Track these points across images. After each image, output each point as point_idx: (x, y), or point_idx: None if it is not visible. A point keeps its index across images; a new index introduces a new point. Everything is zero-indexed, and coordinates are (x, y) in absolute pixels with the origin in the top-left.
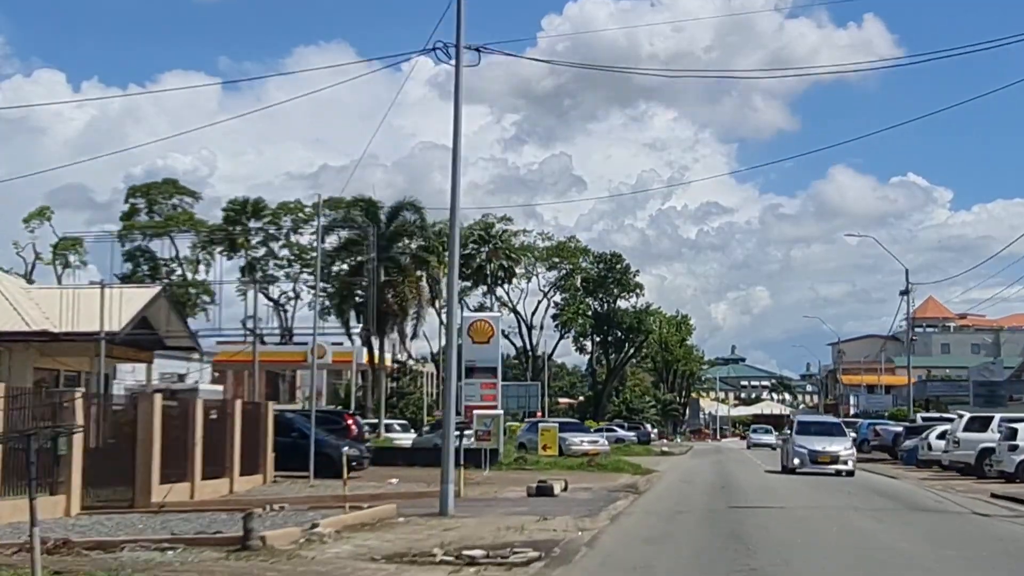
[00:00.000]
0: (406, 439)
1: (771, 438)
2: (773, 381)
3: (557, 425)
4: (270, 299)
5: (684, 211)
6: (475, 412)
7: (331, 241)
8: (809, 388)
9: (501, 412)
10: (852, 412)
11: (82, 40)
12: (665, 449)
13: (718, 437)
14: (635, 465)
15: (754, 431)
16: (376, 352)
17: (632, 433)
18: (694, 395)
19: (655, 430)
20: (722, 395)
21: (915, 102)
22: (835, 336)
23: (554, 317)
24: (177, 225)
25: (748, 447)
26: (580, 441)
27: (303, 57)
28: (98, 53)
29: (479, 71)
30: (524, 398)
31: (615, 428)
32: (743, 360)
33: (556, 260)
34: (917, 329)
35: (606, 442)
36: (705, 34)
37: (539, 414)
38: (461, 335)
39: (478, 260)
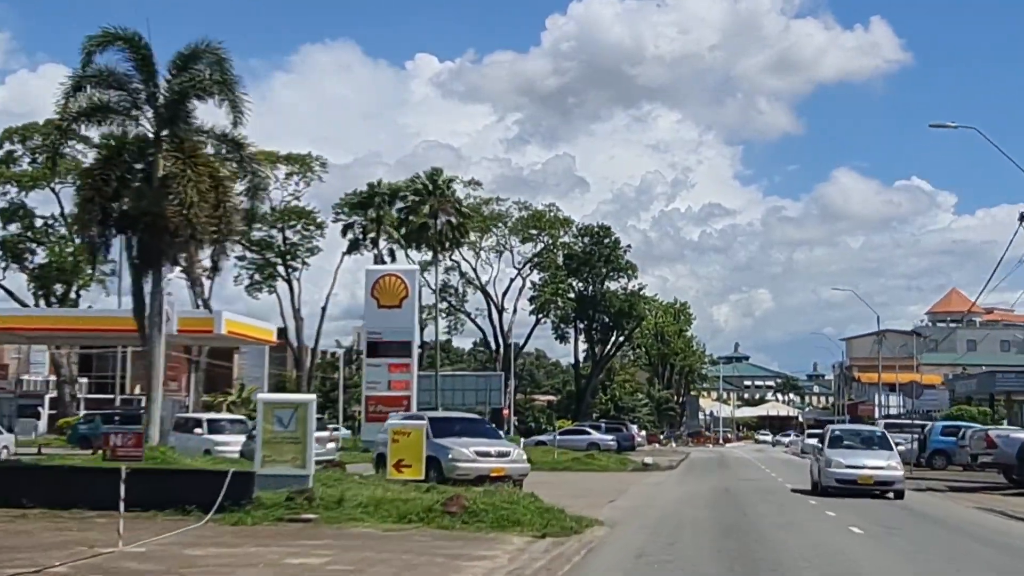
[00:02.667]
0: (231, 445)
1: (890, 467)
2: (779, 381)
3: (425, 424)
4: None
5: (687, 213)
6: (260, 398)
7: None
8: (817, 389)
9: (312, 397)
10: (878, 414)
11: (87, 35)
12: (648, 460)
13: (721, 441)
14: (551, 512)
15: (835, 441)
16: (147, 303)
17: (610, 436)
18: (693, 393)
19: (643, 432)
20: (724, 395)
21: (921, 105)
22: (838, 334)
23: (531, 300)
24: (59, 174)
25: (819, 489)
26: (473, 455)
27: (309, 55)
28: None
29: (482, 70)
30: (484, 391)
31: (588, 430)
32: (746, 358)
33: (533, 232)
34: (940, 324)
35: (524, 457)
36: (711, 34)
37: (505, 412)
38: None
39: (420, 216)
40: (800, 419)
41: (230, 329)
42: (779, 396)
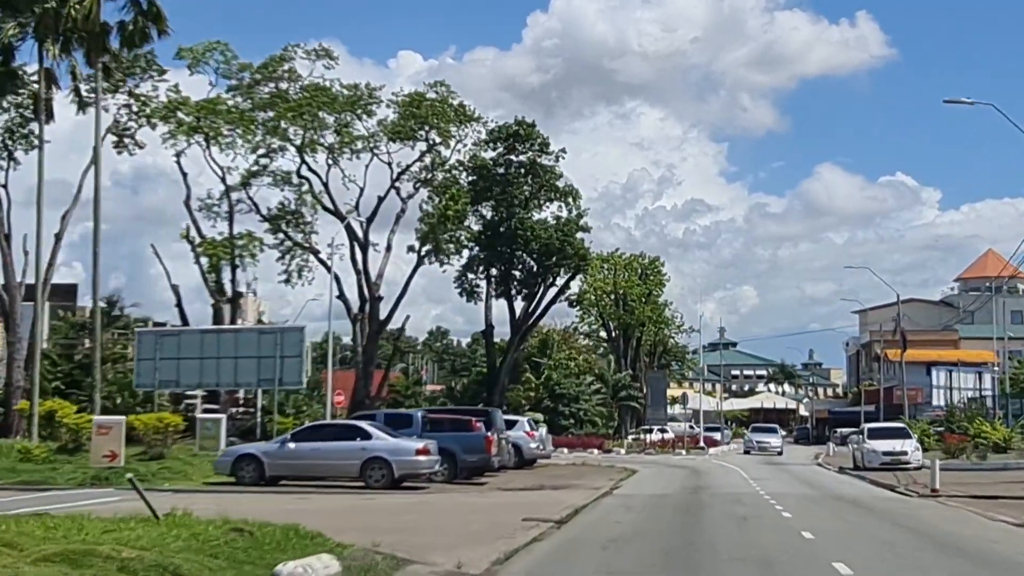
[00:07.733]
0: None
1: None
2: (772, 370)
3: None
4: None
5: (672, 210)
6: None
7: None
8: (813, 379)
9: None
10: (943, 399)
11: None
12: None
13: (702, 443)
14: None
15: None
16: None
17: (420, 444)
18: (662, 366)
19: (537, 431)
20: (709, 386)
21: (906, 100)
22: (824, 329)
23: (416, 230)
24: None
25: None
26: None
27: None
28: None
29: (462, 67)
30: (271, 360)
31: (366, 430)
32: (734, 345)
33: (411, 126)
34: (974, 292)
35: None
36: (694, 29)
37: (340, 402)
38: None
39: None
40: (802, 411)
41: None
42: (771, 387)
